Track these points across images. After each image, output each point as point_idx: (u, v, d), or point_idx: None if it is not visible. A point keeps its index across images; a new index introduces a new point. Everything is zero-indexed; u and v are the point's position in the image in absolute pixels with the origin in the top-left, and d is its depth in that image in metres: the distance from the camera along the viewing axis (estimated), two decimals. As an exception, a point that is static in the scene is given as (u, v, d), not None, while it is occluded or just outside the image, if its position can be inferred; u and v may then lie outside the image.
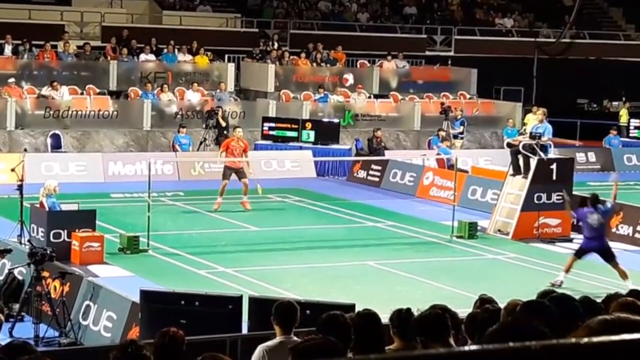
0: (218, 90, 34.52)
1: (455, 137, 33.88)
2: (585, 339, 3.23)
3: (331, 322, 7.52)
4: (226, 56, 37.84)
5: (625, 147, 36.63)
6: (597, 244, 18.90)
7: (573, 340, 3.24)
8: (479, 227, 23.60)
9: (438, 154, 30.84)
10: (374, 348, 7.44)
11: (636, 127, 38.55)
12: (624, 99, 42.54)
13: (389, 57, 38.74)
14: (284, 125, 32.81)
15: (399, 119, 36.39)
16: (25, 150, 24.78)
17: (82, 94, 33.08)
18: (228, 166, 25.24)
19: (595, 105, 44.76)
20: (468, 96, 38.42)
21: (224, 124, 31.91)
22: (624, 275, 18.56)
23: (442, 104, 35.10)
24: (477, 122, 36.75)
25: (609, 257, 18.90)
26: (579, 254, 19.10)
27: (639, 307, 6.15)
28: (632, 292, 8.01)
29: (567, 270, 18.78)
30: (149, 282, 17.66)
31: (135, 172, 29.08)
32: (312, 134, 32.51)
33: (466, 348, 3.81)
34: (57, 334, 15.13)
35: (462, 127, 34.34)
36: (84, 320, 15.19)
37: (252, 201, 25.14)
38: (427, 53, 42.13)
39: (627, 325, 3.72)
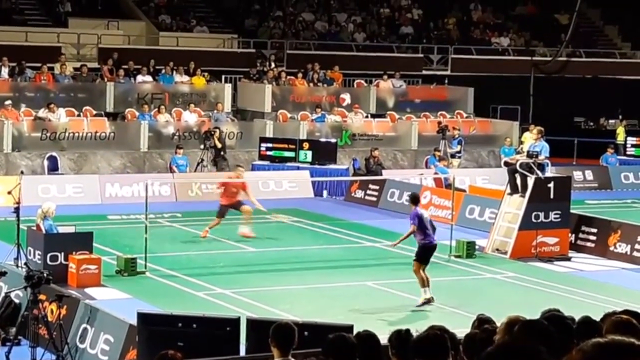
0: (215, 111, 34.53)
1: (453, 156, 33.89)
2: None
3: (337, 342, 7.51)
4: (223, 77, 37.88)
5: (622, 165, 36.64)
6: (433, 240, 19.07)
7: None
8: (477, 247, 23.58)
9: (435, 173, 30.83)
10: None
11: (633, 145, 38.56)
12: (620, 117, 42.59)
13: (385, 77, 38.78)
14: (281, 146, 32.82)
15: (396, 138, 36.40)
16: (22, 172, 24.77)
17: (79, 115, 33.08)
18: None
19: (592, 124, 44.81)
20: (465, 115, 38.43)
21: (219, 146, 31.92)
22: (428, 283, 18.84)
23: (439, 123, 35.11)
24: (474, 141, 36.76)
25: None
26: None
27: (634, 325, 6.10)
28: (626, 311, 7.96)
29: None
30: (146, 304, 17.59)
31: (133, 193, 29.05)
32: (309, 154, 32.51)
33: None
34: (54, 357, 15.05)
35: (459, 146, 34.36)
36: (81, 343, 15.12)
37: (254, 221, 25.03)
38: (424, 72, 42.18)
39: (621, 348, 3.68)
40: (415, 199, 19.24)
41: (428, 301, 18.58)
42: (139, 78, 35.38)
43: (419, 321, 16.16)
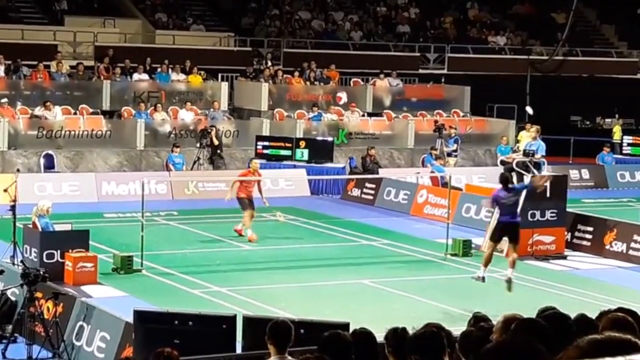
0: (211, 109, 34.53)
1: (449, 154, 33.89)
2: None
3: (333, 340, 7.51)
4: (219, 75, 37.87)
5: (618, 164, 36.65)
6: (511, 219, 19.03)
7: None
8: (473, 245, 23.57)
9: (432, 171, 30.82)
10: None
11: (629, 144, 38.59)
12: (617, 115, 42.61)
13: (382, 75, 38.78)
14: (278, 144, 32.81)
15: (393, 137, 36.40)
16: (18, 170, 24.70)
17: (75, 113, 33.06)
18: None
19: (588, 122, 44.82)
20: (461, 114, 38.45)
21: (216, 143, 31.96)
22: (512, 264, 18.94)
23: (436, 121, 35.13)
24: (470, 140, 36.78)
25: (516, 236, 19.05)
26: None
27: (630, 323, 6.11)
28: (621, 309, 7.96)
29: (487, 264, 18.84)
30: (142, 302, 17.58)
31: (129, 191, 29.03)
32: (306, 152, 32.50)
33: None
34: (50, 355, 15.06)
35: (455, 145, 34.35)
36: (77, 341, 15.12)
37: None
38: (421, 71, 42.18)
39: (616, 344, 3.68)
40: (501, 180, 19.60)
41: (481, 279, 18.95)
42: (135, 76, 35.37)
43: (415, 319, 16.15)
